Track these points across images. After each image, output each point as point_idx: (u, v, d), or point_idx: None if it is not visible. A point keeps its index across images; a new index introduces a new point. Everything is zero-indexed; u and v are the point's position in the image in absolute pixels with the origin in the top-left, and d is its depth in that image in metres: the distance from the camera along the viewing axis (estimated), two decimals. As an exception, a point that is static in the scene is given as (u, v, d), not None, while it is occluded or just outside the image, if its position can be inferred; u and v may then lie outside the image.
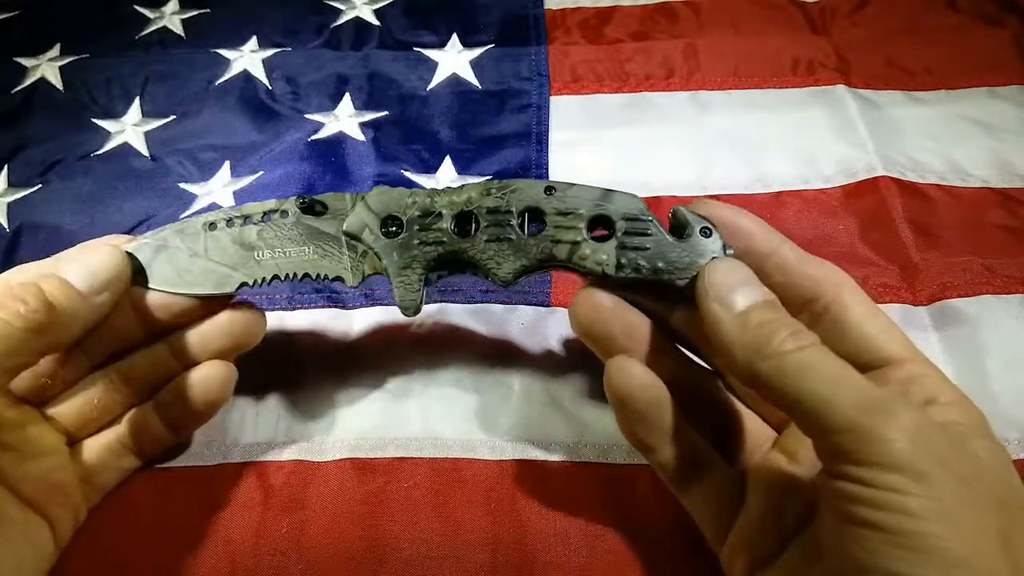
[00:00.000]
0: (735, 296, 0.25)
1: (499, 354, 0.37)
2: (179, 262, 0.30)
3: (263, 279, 0.31)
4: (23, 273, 0.29)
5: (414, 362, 0.37)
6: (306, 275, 0.31)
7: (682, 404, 0.28)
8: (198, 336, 0.31)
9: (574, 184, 0.29)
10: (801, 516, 0.24)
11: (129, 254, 0.30)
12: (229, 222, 0.31)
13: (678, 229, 0.28)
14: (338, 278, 0.31)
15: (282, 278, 0.31)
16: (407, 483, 0.33)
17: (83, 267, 0.28)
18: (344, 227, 0.30)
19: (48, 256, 0.30)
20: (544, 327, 0.38)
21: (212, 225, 0.31)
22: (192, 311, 0.31)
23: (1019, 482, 0.22)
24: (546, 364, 0.37)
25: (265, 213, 0.31)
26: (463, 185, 0.29)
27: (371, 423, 0.35)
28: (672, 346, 0.30)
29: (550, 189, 0.29)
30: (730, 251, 0.27)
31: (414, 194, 0.30)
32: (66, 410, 0.30)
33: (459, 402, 0.35)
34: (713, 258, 0.27)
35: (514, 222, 0.29)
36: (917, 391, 0.23)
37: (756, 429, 0.29)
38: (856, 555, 0.20)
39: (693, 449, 0.28)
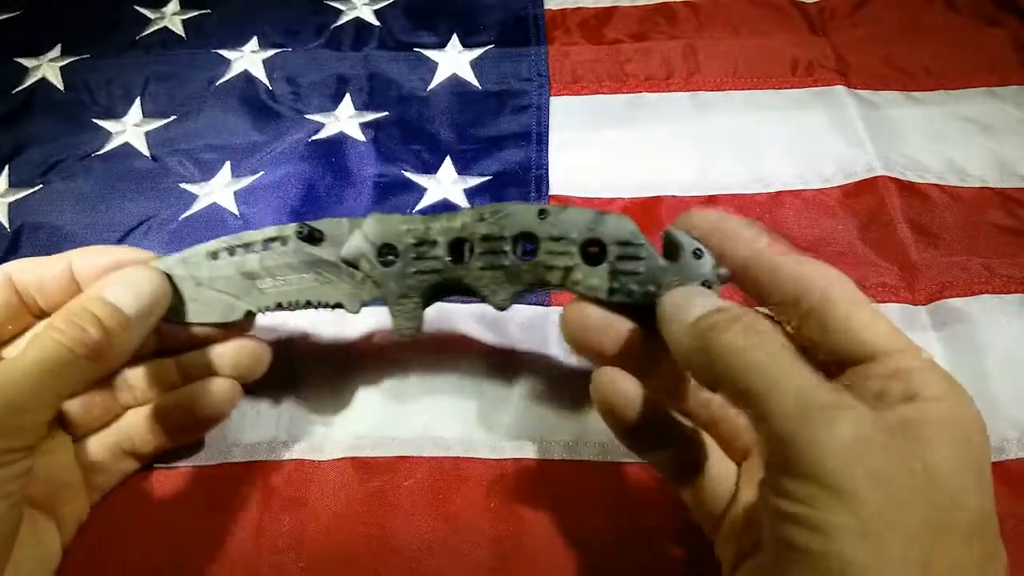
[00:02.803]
0: (689, 308, 0.24)
1: (499, 354, 0.37)
2: (185, 290, 0.30)
3: (267, 307, 0.31)
4: (30, 268, 0.29)
5: (414, 361, 0.37)
6: (308, 303, 0.31)
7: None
8: (207, 359, 0.32)
9: (566, 208, 0.28)
10: None
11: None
12: (231, 251, 0.31)
13: (670, 251, 0.28)
14: (339, 305, 0.31)
15: (285, 306, 0.31)
16: (407, 482, 0.33)
17: (130, 291, 0.28)
18: (341, 255, 0.30)
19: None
20: (544, 327, 0.38)
21: (215, 254, 0.31)
22: (205, 336, 0.31)
23: (974, 495, 0.20)
24: (546, 364, 0.37)
25: (265, 241, 0.31)
26: (457, 211, 0.29)
27: (371, 422, 0.35)
28: (665, 348, 0.30)
29: (543, 213, 0.28)
30: (722, 271, 0.27)
31: (409, 221, 0.29)
32: (69, 408, 0.30)
33: (459, 401, 0.36)
34: (704, 283, 0.27)
35: (507, 248, 0.29)
36: (898, 386, 0.22)
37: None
38: (774, 565, 0.20)
39: (687, 448, 0.28)
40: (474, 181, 0.45)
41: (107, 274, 0.29)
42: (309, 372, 0.37)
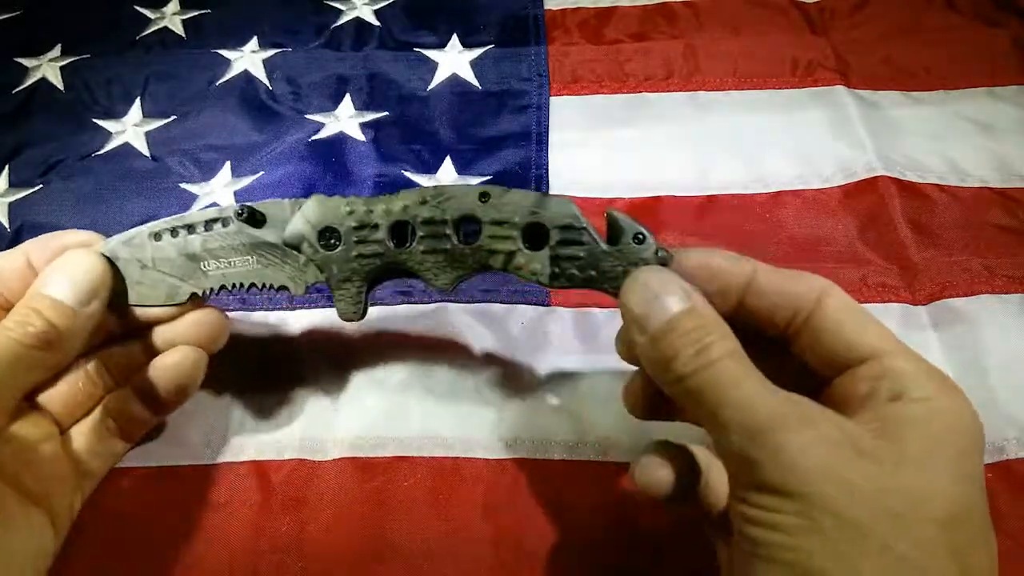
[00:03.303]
0: (648, 317, 0.24)
1: (499, 354, 0.37)
2: (130, 273, 0.30)
3: (211, 289, 0.31)
4: None
5: (414, 362, 0.37)
6: (252, 285, 0.31)
7: None
8: (165, 337, 0.32)
9: (509, 190, 0.28)
10: None
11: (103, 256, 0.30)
12: (173, 232, 0.30)
13: (613, 236, 0.27)
14: (283, 287, 0.31)
15: (229, 288, 0.31)
16: (407, 482, 0.33)
17: (68, 281, 0.28)
18: (283, 237, 0.30)
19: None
20: (544, 327, 0.38)
21: (157, 235, 0.30)
22: (160, 315, 0.32)
23: (947, 487, 0.21)
24: (546, 364, 0.37)
25: (207, 222, 0.30)
26: (398, 192, 0.29)
27: (371, 422, 0.35)
28: None
29: (485, 196, 0.28)
30: (663, 254, 0.27)
31: (350, 203, 0.29)
32: (53, 398, 0.31)
33: (459, 401, 0.36)
34: (634, 268, 0.26)
35: (449, 231, 0.28)
36: (886, 386, 0.23)
37: None
38: (742, 568, 0.22)
39: (694, 477, 0.28)
40: (474, 181, 0.45)
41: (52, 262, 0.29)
42: (309, 372, 0.37)
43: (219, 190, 0.45)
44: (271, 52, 0.53)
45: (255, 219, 0.30)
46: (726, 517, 0.27)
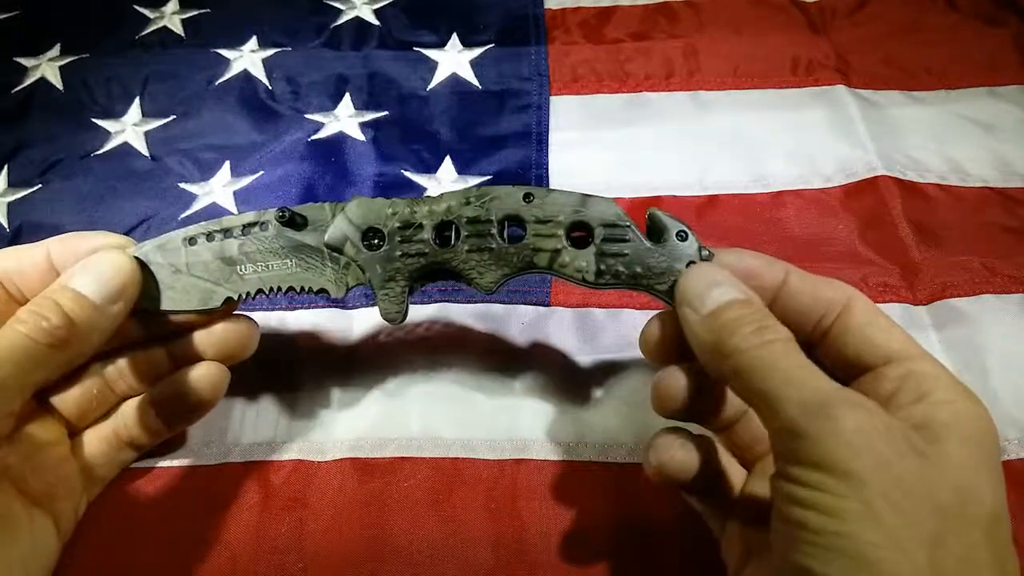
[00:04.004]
0: (704, 299, 0.25)
1: (499, 354, 0.37)
2: (163, 278, 0.30)
3: (247, 293, 0.30)
4: (11, 257, 0.29)
5: (414, 362, 0.37)
6: (290, 288, 0.31)
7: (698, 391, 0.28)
8: (194, 344, 0.31)
9: (552, 190, 0.29)
10: None
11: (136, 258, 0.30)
12: (209, 236, 0.30)
13: (655, 233, 0.28)
14: (322, 290, 0.30)
15: (267, 292, 0.31)
16: (407, 483, 0.33)
17: (95, 277, 0.28)
18: (325, 239, 0.30)
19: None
20: (544, 327, 0.38)
21: (192, 240, 0.30)
22: (188, 320, 0.31)
23: (988, 491, 0.21)
24: (546, 364, 0.37)
25: (245, 226, 0.30)
26: (442, 194, 0.29)
27: (371, 423, 0.35)
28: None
29: (529, 196, 0.29)
30: (706, 253, 0.27)
31: (393, 204, 0.29)
32: (66, 401, 0.30)
33: (459, 402, 0.35)
34: (690, 263, 0.27)
35: (494, 231, 0.29)
36: (911, 387, 0.23)
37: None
38: (784, 551, 0.21)
39: (710, 463, 0.28)
40: (474, 181, 0.45)
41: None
42: (309, 372, 0.37)
43: (218, 190, 0.45)
44: (270, 51, 0.53)
45: (295, 222, 0.30)
46: (739, 506, 0.27)
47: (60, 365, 0.27)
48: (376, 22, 0.55)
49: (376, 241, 0.29)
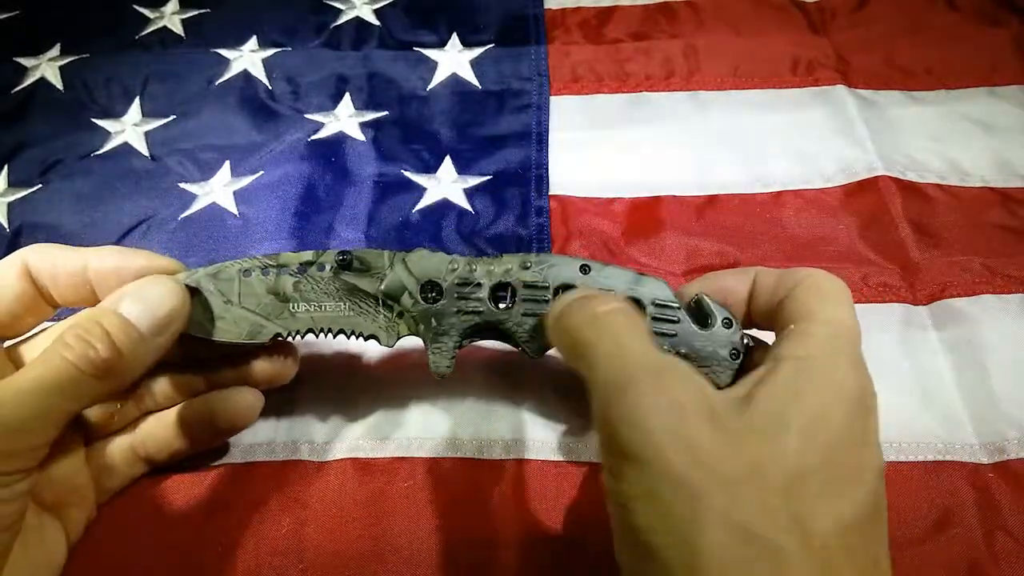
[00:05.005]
0: (556, 305, 0.27)
1: (499, 354, 0.37)
2: (213, 307, 0.30)
3: (297, 331, 0.30)
4: (47, 257, 0.28)
5: (414, 362, 0.37)
6: (340, 331, 0.31)
7: None
8: (234, 373, 0.31)
9: (607, 265, 0.30)
10: None
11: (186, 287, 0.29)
12: (264, 270, 0.30)
13: (701, 318, 0.29)
14: (372, 336, 0.31)
15: (316, 333, 0.30)
16: (407, 483, 0.33)
17: (147, 306, 0.26)
18: (382, 288, 0.30)
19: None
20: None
21: (247, 272, 0.30)
22: (232, 348, 0.31)
23: (792, 463, 0.20)
24: (547, 364, 0.37)
25: (302, 264, 0.30)
26: (501, 255, 0.30)
27: (371, 423, 0.35)
28: None
29: (585, 268, 0.30)
30: (748, 342, 0.28)
31: (454, 261, 0.30)
32: (89, 411, 0.30)
33: (459, 402, 0.35)
34: (733, 351, 0.28)
35: (549, 297, 0.29)
36: (782, 347, 0.24)
37: None
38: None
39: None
40: (474, 181, 0.45)
41: (125, 283, 0.27)
42: (310, 373, 0.36)
43: (218, 190, 0.45)
44: (270, 51, 0.53)
45: (353, 266, 0.30)
46: None
47: (100, 395, 0.26)
48: (376, 22, 0.55)
49: (434, 295, 0.30)
